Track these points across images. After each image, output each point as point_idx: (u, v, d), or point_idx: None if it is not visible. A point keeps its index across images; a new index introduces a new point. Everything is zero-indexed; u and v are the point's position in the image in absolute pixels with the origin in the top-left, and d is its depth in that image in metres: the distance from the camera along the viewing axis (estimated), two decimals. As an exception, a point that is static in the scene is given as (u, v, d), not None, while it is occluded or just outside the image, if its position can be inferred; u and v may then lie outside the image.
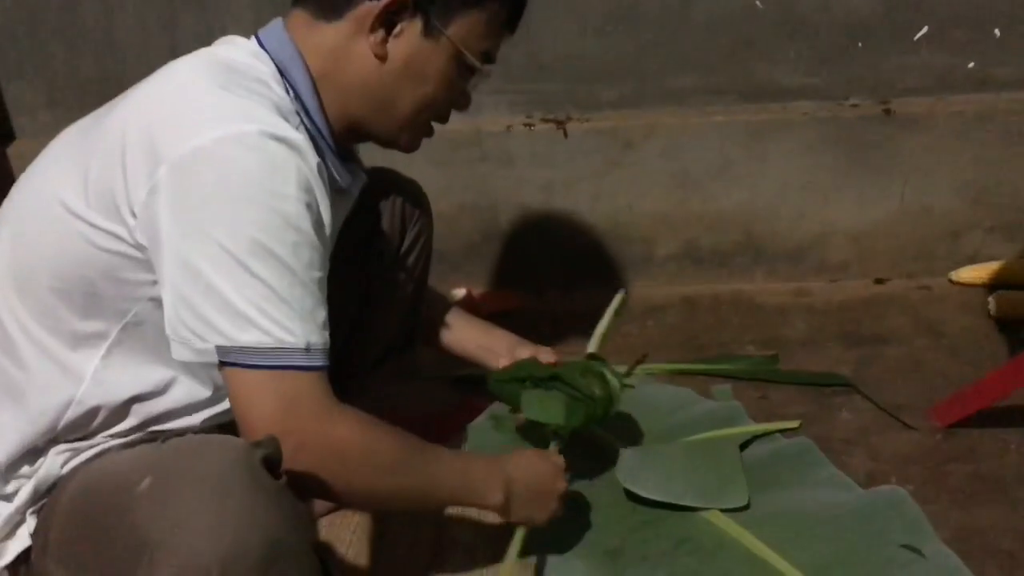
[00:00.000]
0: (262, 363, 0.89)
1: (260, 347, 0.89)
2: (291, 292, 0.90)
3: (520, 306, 2.05)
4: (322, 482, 0.93)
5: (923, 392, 1.62)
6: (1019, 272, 1.94)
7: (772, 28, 1.93)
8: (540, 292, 2.10)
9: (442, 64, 1.07)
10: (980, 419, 1.49)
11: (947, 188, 1.98)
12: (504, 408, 1.51)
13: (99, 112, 1.03)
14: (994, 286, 1.92)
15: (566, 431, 1.27)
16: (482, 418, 1.56)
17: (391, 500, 1.03)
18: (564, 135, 2.00)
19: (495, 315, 1.95)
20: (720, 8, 1.91)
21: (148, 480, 0.87)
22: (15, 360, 1.01)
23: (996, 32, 1.90)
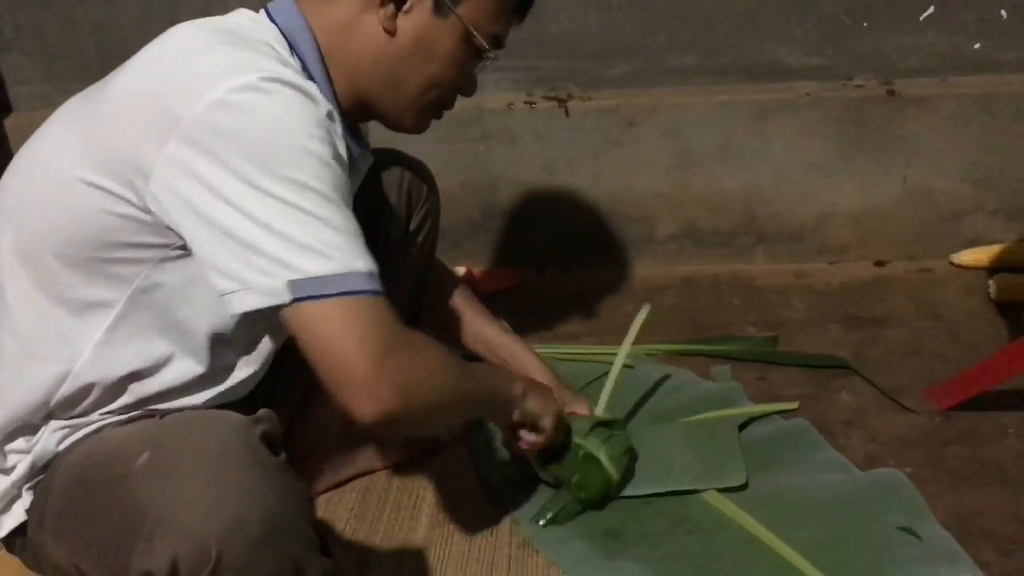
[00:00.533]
0: (336, 291, 0.87)
1: (333, 274, 0.88)
2: (342, 223, 0.90)
3: (519, 284, 2.05)
4: (421, 401, 0.93)
5: (923, 375, 1.62)
6: (1020, 255, 1.93)
7: (777, 7, 1.91)
8: (540, 270, 2.10)
9: (451, 43, 1.07)
10: (979, 402, 1.49)
11: (950, 170, 1.97)
12: None
13: (101, 82, 1.02)
14: (995, 269, 1.92)
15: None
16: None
17: (461, 404, 1.06)
18: (566, 113, 1.99)
19: (495, 293, 1.96)
20: (724, -14, 1.90)
21: (146, 455, 0.87)
22: (11, 330, 1.00)
23: (1003, 13, 1.89)
